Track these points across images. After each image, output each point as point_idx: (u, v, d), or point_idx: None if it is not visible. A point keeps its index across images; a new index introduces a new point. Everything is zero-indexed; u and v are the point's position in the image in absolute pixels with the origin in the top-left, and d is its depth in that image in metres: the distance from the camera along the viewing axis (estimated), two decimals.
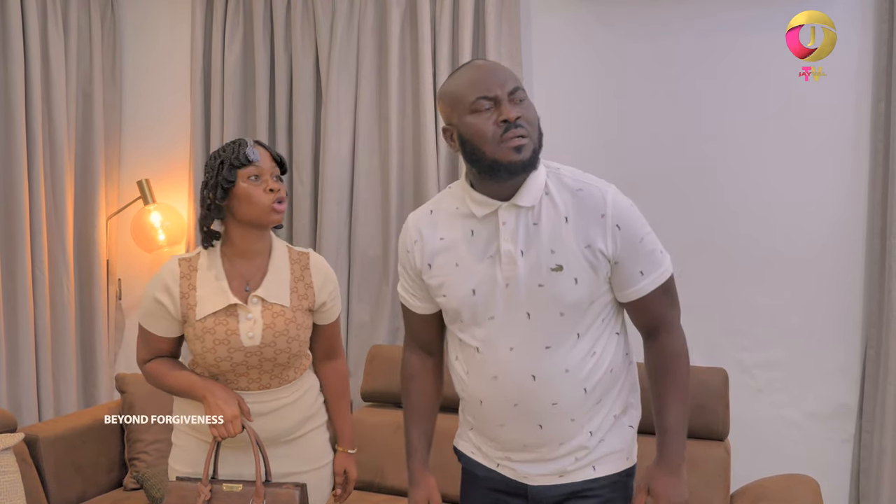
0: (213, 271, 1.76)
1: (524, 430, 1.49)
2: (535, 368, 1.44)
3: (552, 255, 1.40)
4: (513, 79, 1.41)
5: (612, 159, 2.88)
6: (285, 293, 1.78)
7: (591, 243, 1.41)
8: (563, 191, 1.44)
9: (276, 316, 1.76)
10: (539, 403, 1.45)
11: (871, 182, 2.64)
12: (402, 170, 3.10)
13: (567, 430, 1.48)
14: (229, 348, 1.73)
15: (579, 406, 1.47)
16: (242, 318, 1.74)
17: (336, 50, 3.13)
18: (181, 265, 1.78)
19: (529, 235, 1.42)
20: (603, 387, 1.49)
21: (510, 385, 1.45)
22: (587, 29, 2.93)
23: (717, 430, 2.50)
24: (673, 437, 1.50)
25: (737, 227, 2.78)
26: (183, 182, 3.56)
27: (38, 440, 2.59)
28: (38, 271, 3.28)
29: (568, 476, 1.51)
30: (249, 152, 1.73)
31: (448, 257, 1.49)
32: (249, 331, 1.74)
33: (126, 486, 2.79)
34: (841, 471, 2.71)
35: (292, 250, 1.87)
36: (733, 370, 2.70)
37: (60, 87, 3.34)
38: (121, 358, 3.74)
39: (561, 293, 1.40)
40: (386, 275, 3.12)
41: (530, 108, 1.41)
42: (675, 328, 1.54)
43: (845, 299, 2.69)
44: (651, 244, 1.47)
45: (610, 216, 1.42)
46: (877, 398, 2.61)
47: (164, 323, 1.80)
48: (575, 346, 1.44)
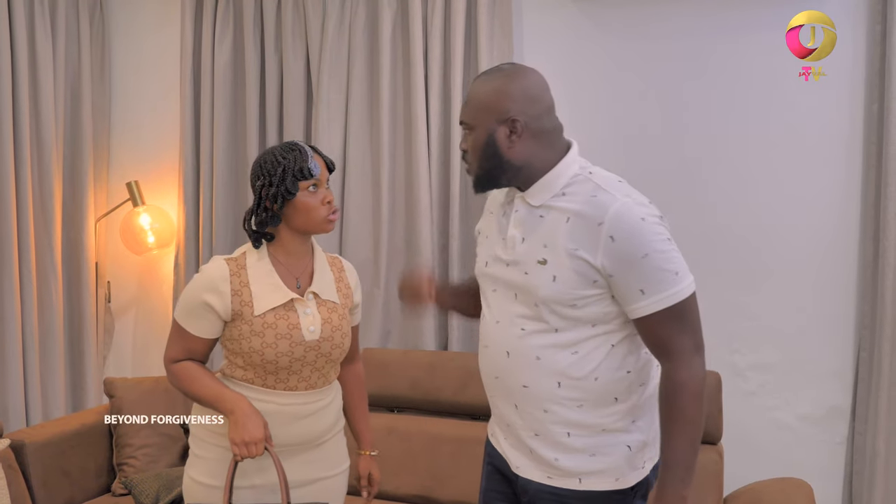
0: (264, 269, 1.77)
1: (504, 405, 1.57)
2: (510, 346, 1.51)
3: (543, 248, 1.46)
4: (464, 106, 1.55)
5: (602, 159, 2.85)
6: (334, 291, 1.83)
7: (578, 249, 1.43)
8: (581, 193, 1.47)
9: (331, 311, 1.80)
10: (512, 381, 1.52)
11: (863, 184, 2.64)
12: (393, 172, 3.09)
13: (540, 420, 1.51)
14: (291, 342, 1.74)
15: (552, 398, 1.49)
16: (301, 314, 1.76)
17: (327, 51, 3.11)
18: (229, 264, 1.77)
19: (534, 226, 1.49)
20: (585, 391, 1.48)
21: (492, 356, 1.56)
22: (579, 29, 2.92)
23: (710, 434, 2.49)
24: (668, 473, 1.44)
25: (729, 229, 2.77)
26: (173, 184, 3.53)
27: (25, 445, 2.55)
28: (26, 274, 3.26)
29: (554, 480, 1.53)
30: (313, 167, 1.74)
31: (486, 228, 1.64)
32: (311, 325, 1.76)
33: (114, 492, 2.76)
34: (834, 473, 2.71)
35: (326, 254, 1.91)
36: (726, 373, 2.70)
37: (48, 88, 3.32)
38: (110, 361, 3.71)
39: (537, 286, 1.46)
40: (377, 278, 3.10)
41: (474, 138, 1.52)
42: (684, 358, 1.44)
43: (838, 302, 2.69)
44: (661, 263, 1.42)
45: (606, 226, 1.42)
46: (869, 401, 2.61)
47: (207, 323, 1.77)
48: (551, 338, 1.47)
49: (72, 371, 3.52)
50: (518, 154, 1.50)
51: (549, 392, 1.49)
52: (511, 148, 1.49)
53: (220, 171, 3.31)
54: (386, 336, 3.11)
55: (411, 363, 2.84)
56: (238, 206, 3.36)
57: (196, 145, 3.40)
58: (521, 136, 1.49)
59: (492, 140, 1.49)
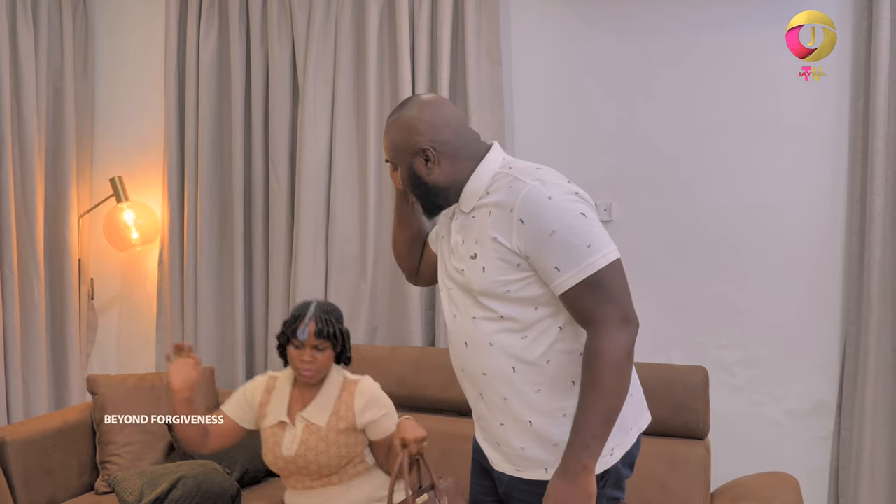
0: (283, 392, 2.22)
1: (473, 397, 1.65)
2: (467, 336, 1.59)
3: (475, 244, 1.55)
4: (384, 147, 1.67)
5: (589, 155, 2.88)
6: (325, 416, 2.16)
7: (497, 236, 1.51)
8: (501, 187, 1.54)
9: (312, 434, 2.14)
10: (474, 370, 1.60)
11: (850, 180, 2.65)
12: (379, 167, 3.07)
13: (503, 408, 1.57)
14: (275, 455, 2.17)
15: (509, 384, 1.54)
16: (287, 433, 2.16)
17: (313, 45, 3.09)
18: (268, 382, 2.27)
19: (469, 228, 1.59)
20: (540, 375, 1.52)
21: (455, 348, 1.65)
22: (566, 24, 2.93)
23: (698, 429, 2.50)
24: (575, 437, 1.44)
25: (717, 225, 2.79)
26: (157, 180, 3.51)
27: (6, 444, 2.53)
28: (7, 270, 3.23)
29: (522, 472, 1.58)
30: (300, 332, 2.13)
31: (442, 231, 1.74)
32: (289, 444, 2.15)
33: (97, 490, 2.73)
34: (820, 468, 2.72)
35: (347, 379, 2.23)
36: (713, 368, 2.72)
37: (31, 83, 3.29)
38: (93, 359, 3.68)
39: (471, 279, 1.55)
40: (364, 273, 3.08)
41: (400, 174, 1.66)
42: (606, 327, 1.44)
43: (824, 297, 2.71)
44: (569, 238, 1.44)
45: (517, 210, 1.48)
46: (855, 396, 2.63)
47: (238, 409, 2.25)
48: (499, 325, 1.54)
49: (54, 368, 3.49)
50: (439, 177, 1.60)
51: (506, 378, 1.54)
52: (430, 174, 1.60)
53: (205, 167, 3.29)
54: (373, 333, 3.10)
55: (398, 360, 2.83)
56: (223, 201, 3.34)
57: (181, 141, 3.38)
58: (437, 161, 1.59)
59: (413, 172, 1.62)
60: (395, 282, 3.07)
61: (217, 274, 3.34)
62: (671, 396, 2.47)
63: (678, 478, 2.43)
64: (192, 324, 3.35)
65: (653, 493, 2.40)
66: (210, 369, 3.08)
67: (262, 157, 3.25)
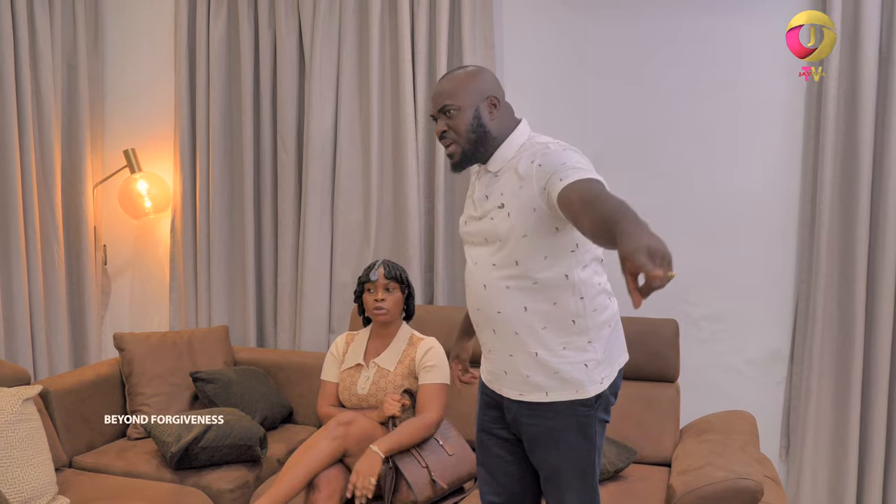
0: (361, 343, 2.69)
1: (486, 332, 1.87)
2: (486, 280, 1.82)
3: (500, 196, 1.78)
4: (446, 95, 1.82)
5: (577, 132, 3.11)
6: (393, 363, 2.60)
7: (523, 186, 1.73)
8: (527, 154, 1.78)
9: (382, 377, 2.59)
10: (489, 308, 1.82)
11: (803, 154, 2.94)
12: (382, 140, 3.29)
13: (513, 342, 1.81)
14: (350, 393, 2.63)
15: (521, 321, 1.78)
16: (362, 375, 2.62)
17: (319, 26, 3.29)
18: (346, 337, 2.76)
19: (494, 184, 1.82)
20: (547, 315, 1.78)
21: (473, 291, 1.86)
22: (555, 12, 3.14)
23: (669, 374, 2.79)
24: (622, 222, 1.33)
25: (687, 195, 3.05)
26: (168, 151, 3.68)
27: (49, 393, 2.75)
28: (31, 237, 3.40)
29: (525, 395, 1.84)
30: (372, 273, 2.59)
31: (466, 204, 1.95)
32: (363, 383, 2.60)
33: (129, 437, 2.98)
34: (774, 408, 3.04)
35: (415, 335, 2.66)
36: (683, 322, 2.98)
37: (47, 60, 3.43)
38: (107, 320, 3.88)
39: (496, 224, 1.77)
40: (367, 238, 3.33)
41: (458, 119, 1.81)
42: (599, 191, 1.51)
43: (780, 259, 3.00)
44: (574, 164, 1.64)
45: (538, 160, 1.72)
46: (805, 345, 2.94)
47: (328, 370, 2.73)
48: (513, 269, 1.76)
49: (73, 328, 3.69)
50: (495, 126, 1.83)
51: (518, 316, 1.78)
52: (492, 120, 1.82)
53: (216, 140, 3.48)
54: None
55: None
56: (233, 172, 3.54)
57: (192, 114, 3.56)
58: (499, 110, 1.83)
59: (478, 113, 1.82)
60: (395, 246, 3.33)
61: (228, 239, 3.56)
62: (646, 346, 2.76)
63: (653, 416, 2.73)
64: (205, 286, 3.57)
65: (630, 429, 2.70)
66: (224, 328, 3.33)
67: (270, 130, 3.45)
